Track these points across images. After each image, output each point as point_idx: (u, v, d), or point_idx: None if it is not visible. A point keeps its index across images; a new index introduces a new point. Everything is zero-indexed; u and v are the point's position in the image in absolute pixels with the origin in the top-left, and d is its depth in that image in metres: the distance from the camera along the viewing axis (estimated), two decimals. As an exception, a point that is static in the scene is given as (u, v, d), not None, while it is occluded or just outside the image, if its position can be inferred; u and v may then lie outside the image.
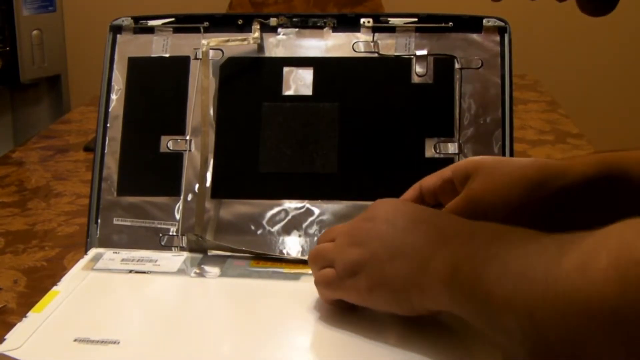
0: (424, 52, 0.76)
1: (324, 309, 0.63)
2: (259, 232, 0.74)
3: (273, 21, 0.79)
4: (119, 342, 0.57)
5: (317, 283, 0.60)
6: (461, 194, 0.62)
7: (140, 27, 0.80)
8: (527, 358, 0.45)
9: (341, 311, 0.60)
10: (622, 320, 0.37)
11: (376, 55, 0.77)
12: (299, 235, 0.74)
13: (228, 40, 0.78)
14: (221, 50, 0.78)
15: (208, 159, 0.76)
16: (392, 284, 0.54)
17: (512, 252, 0.46)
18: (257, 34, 0.78)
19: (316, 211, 0.74)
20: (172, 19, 0.80)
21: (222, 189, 0.76)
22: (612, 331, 0.38)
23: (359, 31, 0.78)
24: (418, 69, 0.76)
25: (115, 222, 0.76)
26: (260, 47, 0.78)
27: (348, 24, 0.78)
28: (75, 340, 0.57)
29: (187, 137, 0.77)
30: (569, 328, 0.40)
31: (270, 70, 0.78)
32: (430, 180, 0.66)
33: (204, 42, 0.77)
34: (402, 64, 0.76)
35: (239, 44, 0.78)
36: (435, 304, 0.52)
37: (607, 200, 0.60)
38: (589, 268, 0.39)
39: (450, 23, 0.77)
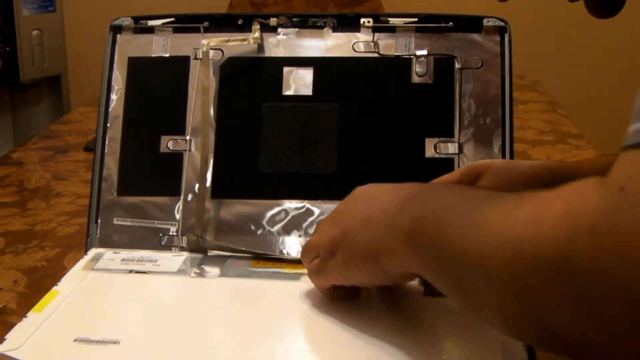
0: (424, 52, 0.76)
1: (324, 309, 0.63)
2: (259, 232, 0.74)
3: (273, 21, 0.79)
4: (119, 342, 0.57)
5: (309, 275, 0.62)
6: None
7: (140, 27, 0.80)
8: (494, 323, 0.44)
9: (341, 301, 0.61)
10: (572, 273, 0.35)
11: (376, 55, 0.77)
12: (299, 236, 0.74)
13: (228, 40, 0.78)
14: (221, 50, 0.78)
15: (208, 159, 0.76)
16: (363, 251, 0.55)
17: (475, 207, 0.45)
18: (257, 34, 0.78)
19: (316, 211, 0.74)
20: (172, 19, 0.80)
21: (222, 189, 0.76)
22: (562, 283, 0.36)
23: (359, 31, 0.78)
24: (418, 69, 0.76)
25: (115, 222, 0.76)
26: (260, 47, 0.78)
27: (348, 24, 0.78)
28: (75, 340, 0.57)
29: (187, 137, 0.77)
30: (519, 278, 0.39)
31: (270, 70, 0.78)
32: (440, 181, 0.66)
33: (204, 42, 0.77)
34: (402, 64, 0.76)
35: (239, 44, 0.78)
36: (404, 265, 0.52)
37: None
38: (542, 217, 0.38)
39: (450, 23, 0.77)
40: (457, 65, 0.76)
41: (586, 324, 0.36)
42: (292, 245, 0.73)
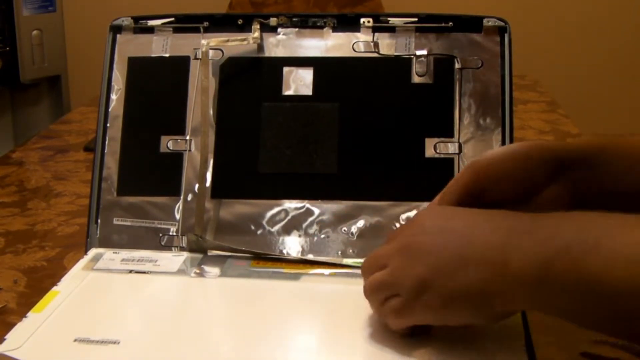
0: (424, 52, 0.76)
1: (324, 308, 0.63)
2: (259, 232, 0.74)
3: (273, 21, 0.79)
4: (119, 342, 0.57)
5: (385, 316, 0.56)
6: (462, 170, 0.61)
7: (140, 27, 0.80)
8: None
9: (416, 338, 0.56)
10: None
11: (376, 55, 0.77)
12: (299, 235, 0.74)
13: (228, 40, 0.78)
14: (221, 50, 0.78)
15: (208, 159, 0.76)
16: (467, 294, 0.50)
17: (615, 237, 0.45)
18: (257, 34, 0.78)
19: (316, 211, 0.74)
20: (172, 19, 0.80)
21: (222, 189, 0.76)
22: None
23: (359, 31, 0.78)
24: (418, 68, 0.76)
25: (115, 222, 0.76)
26: (260, 47, 0.78)
27: (348, 23, 0.78)
28: (75, 340, 0.57)
29: (187, 137, 0.77)
30: None
31: (270, 70, 0.78)
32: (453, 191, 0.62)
33: (204, 42, 0.77)
34: (402, 64, 0.76)
35: (238, 44, 0.78)
36: (521, 305, 0.50)
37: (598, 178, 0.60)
38: None
39: (450, 23, 0.77)
40: (457, 65, 0.76)
41: None
42: (292, 245, 0.73)
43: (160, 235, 0.75)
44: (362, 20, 0.78)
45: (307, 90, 0.77)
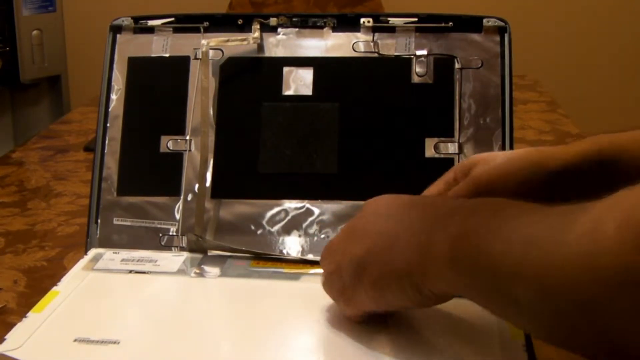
0: (424, 52, 0.76)
1: (324, 309, 0.63)
2: (259, 232, 0.74)
3: (273, 21, 0.79)
4: (118, 342, 0.57)
5: (338, 304, 0.58)
6: (462, 182, 0.62)
7: (140, 27, 0.80)
8: (539, 331, 0.45)
9: (373, 327, 0.57)
10: (635, 282, 0.36)
11: (376, 55, 0.77)
12: (299, 235, 0.74)
13: (228, 40, 0.78)
14: (221, 50, 0.78)
15: (208, 159, 0.76)
16: (394, 272, 0.52)
17: (516, 222, 0.45)
18: (257, 34, 0.78)
19: (316, 211, 0.74)
20: (172, 19, 0.80)
21: (222, 189, 0.76)
22: (625, 294, 0.37)
23: (359, 31, 0.78)
24: (418, 69, 0.76)
25: (115, 222, 0.76)
26: (260, 47, 0.78)
27: (348, 23, 0.78)
28: (75, 340, 0.57)
29: (187, 137, 0.77)
30: (581, 293, 0.39)
31: (270, 70, 0.78)
32: (435, 188, 0.65)
33: (204, 42, 0.77)
34: (402, 64, 0.76)
35: (238, 44, 0.78)
36: (441, 285, 0.50)
37: (602, 182, 0.60)
38: (599, 231, 0.38)
39: (450, 23, 0.77)
40: (457, 65, 0.76)
41: None
42: (292, 245, 0.73)
43: (160, 235, 0.75)
44: (362, 20, 0.78)
45: (307, 90, 0.77)
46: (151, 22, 0.80)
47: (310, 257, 0.71)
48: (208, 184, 0.75)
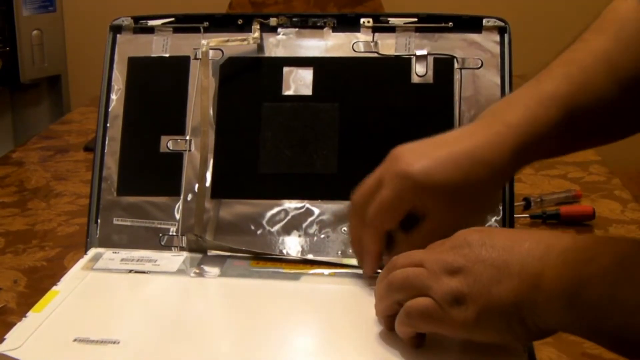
0: (424, 52, 0.76)
1: (324, 309, 0.63)
2: (259, 232, 0.74)
3: (273, 21, 0.79)
4: (118, 342, 0.57)
5: (409, 313, 0.54)
6: (432, 218, 0.61)
7: (140, 27, 0.80)
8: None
9: (413, 347, 0.55)
10: None
11: (376, 55, 0.77)
12: (299, 236, 0.74)
13: (228, 41, 0.78)
14: (221, 50, 0.78)
15: (208, 159, 0.76)
16: (501, 308, 0.49)
17: None
18: (257, 34, 0.78)
19: (316, 211, 0.74)
20: (172, 19, 0.80)
21: (222, 189, 0.75)
22: None
23: (358, 31, 0.78)
24: (418, 69, 0.76)
25: (115, 222, 0.76)
26: (260, 47, 0.78)
27: (348, 24, 0.78)
28: (75, 340, 0.57)
29: (187, 137, 0.77)
30: None
31: (270, 70, 0.78)
32: (387, 215, 0.62)
33: (204, 42, 0.77)
34: (402, 64, 0.76)
35: (238, 44, 0.78)
36: (552, 324, 0.49)
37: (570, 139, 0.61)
38: None
39: (450, 23, 0.77)
40: (457, 65, 0.76)
41: None
42: (292, 245, 0.73)
43: (160, 235, 0.75)
44: (362, 20, 0.78)
45: (307, 90, 0.77)
46: (151, 22, 0.80)
47: (310, 257, 0.71)
48: (208, 184, 0.75)
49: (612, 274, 0.45)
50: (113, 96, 0.79)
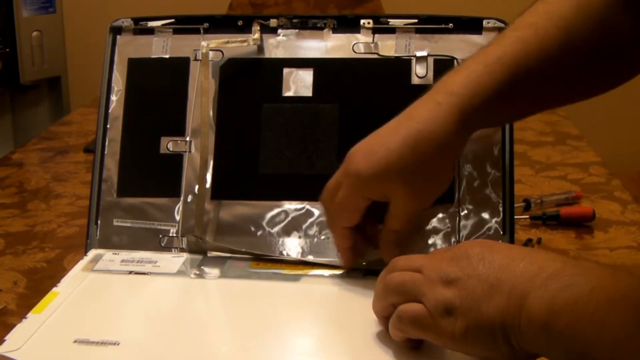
0: (424, 53, 0.76)
1: (324, 309, 0.63)
2: (259, 233, 0.74)
3: (273, 22, 0.79)
4: (118, 343, 0.57)
5: (399, 318, 0.54)
6: (398, 211, 0.64)
7: (140, 28, 0.80)
8: None
9: (407, 349, 0.56)
10: None
11: (376, 56, 0.77)
12: (299, 237, 0.74)
13: (228, 42, 0.77)
14: (221, 52, 0.78)
15: (208, 160, 0.76)
16: (489, 324, 0.50)
17: (617, 319, 0.44)
18: (257, 35, 0.78)
19: (316, 212, 0.74)
20: (172, 20, 0.80)
21: (222, 190, 0.75)
22: None
23: (359, 32, 0.78)
24: (418, 70, 0.76)
25: (115, 223, 0.76)
26: (260, 48, 0.78)
27: (348, 25, 0.78)
28: (75, 341, 0.57)
29: (187, 139, 0.77)
30: None
31: (270, 71, 0.78)
32: (345, 216, 0.66)
33: (204, 43, 0.77)
34: (402, 65, 0.76)
35: (238, 45, 0.78)
36: (532, 346, 0.49)
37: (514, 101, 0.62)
38: None
39: (450, 24, 0.77)
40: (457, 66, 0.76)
41: None
42: (292, 246, 0.73)
43: (160, 236, 0.75)
44: (362, 21, 0.78)
45: (307, 92, 0.77)
46: (151, 23, 0.80)
47: (310, 258, 0.71)
48: (208, 185, 0.75)
49: (579, 305, 0.46)
50: (113, 97, 0.79)
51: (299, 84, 0.77)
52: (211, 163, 0.76)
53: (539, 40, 0.63)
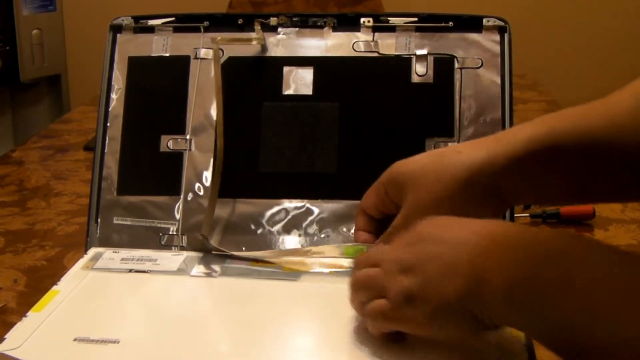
0: (424, 51, 0.76)
1: (324, 308, 0.63)
2: (259, 231, 0.74)
3: (273, 21, 0.79)
4: (118, 342, 0.57)
5: (368, 316, 0.55)
6: (401, 212, 0.62)
7: (141, 26, 0.80)
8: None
9: (391, 343, 0.55)
10: None
11: (376, 54, 0.77)
12: (299, 235, 0.74)
13: (235, 40, 0.77)
14: (222, 50, 0.78)
15: (219, 160, 0.75)
16: (451, 305, 0.49)
17: (591, 278, 0.44)
18: (260, 34, 0.78)
19: (316, 211, 0.74)
20: (172, 19, 0.80)
21: (222, 188, 0.75)
22: None
23: (359, 31, 0.78)
24: (418, 68, 0.76)
25: (115, 221, 0.76)
26: (263, 47, 0.78)
27: (348, 23, 0.78)
28: (75, 339, 0.57)
29: (187, 137, 0.77)
30: None
31: (270, 69, 0.78)
32: (369, 200, 0.66)
33: (215, 36, 0.77)
34: (402, 64, 0.76)
35: (244, 43, 0.78)
36: (499, 319, 0.49)
37: (550, 170, 0.59)
38: None
39: (450, 23, 0.77)
40: (457, 65, 0.76)
41: None
42: (292, 244, 0.73)
43: (160, 234, 0.75)
44: (362, 19, 0.78)
45: (307, 90, 0.77)
46: (151, 22, 0.80)
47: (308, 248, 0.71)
48: (208, 183, 0.75)
49: (540, 274, 0.46)
50: (113, 95, 0.79)
51: (299, 82, 0.77)
52: (211, 161, 0.76)
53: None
